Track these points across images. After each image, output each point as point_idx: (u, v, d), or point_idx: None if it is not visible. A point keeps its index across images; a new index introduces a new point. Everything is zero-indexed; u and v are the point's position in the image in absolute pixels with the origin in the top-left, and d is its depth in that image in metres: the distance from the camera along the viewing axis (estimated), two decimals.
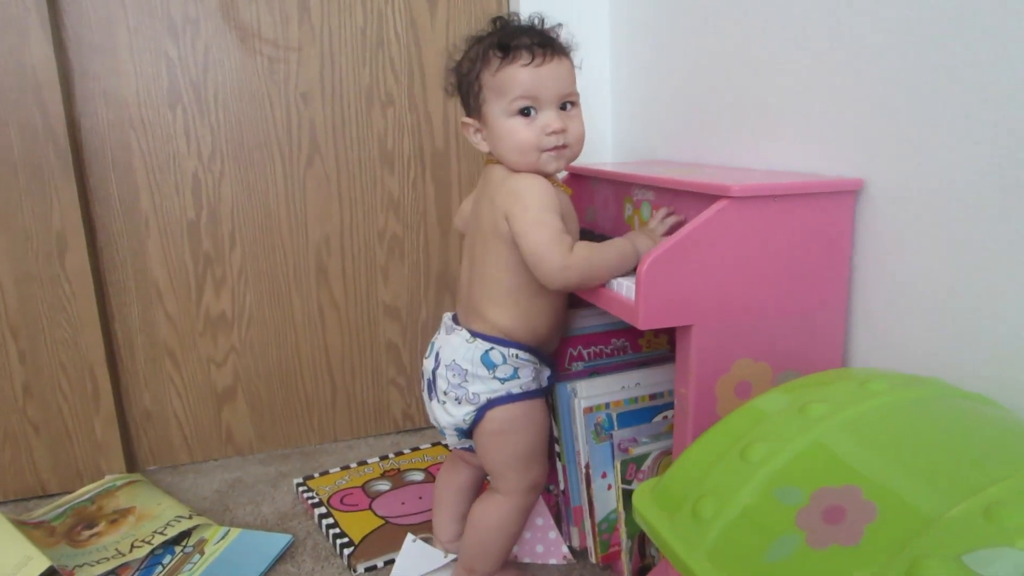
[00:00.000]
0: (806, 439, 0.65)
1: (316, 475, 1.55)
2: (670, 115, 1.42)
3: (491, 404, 1.05)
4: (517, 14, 1.05)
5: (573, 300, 1.14)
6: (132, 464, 1.62)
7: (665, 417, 1.16)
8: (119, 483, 1.50)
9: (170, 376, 1.62)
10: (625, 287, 0.91)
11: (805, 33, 1.04)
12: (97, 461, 1.57)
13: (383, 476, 1.54)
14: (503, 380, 1.05)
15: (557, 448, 1.18)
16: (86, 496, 1.47)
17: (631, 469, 1.08)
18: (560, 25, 1.04)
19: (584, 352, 1.20)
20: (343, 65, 1.58)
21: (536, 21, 1.03)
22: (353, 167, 1.63)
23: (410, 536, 1.24)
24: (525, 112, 0.99)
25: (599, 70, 1.63)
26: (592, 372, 1.19)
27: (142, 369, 1.60)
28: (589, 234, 1.25)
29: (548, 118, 0.99)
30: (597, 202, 1.29)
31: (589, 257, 0.94)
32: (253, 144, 1.56)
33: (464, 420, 1.06)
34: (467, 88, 1.04)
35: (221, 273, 1.60)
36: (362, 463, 1.61)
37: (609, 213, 1.24)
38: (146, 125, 1.50)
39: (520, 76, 0.97)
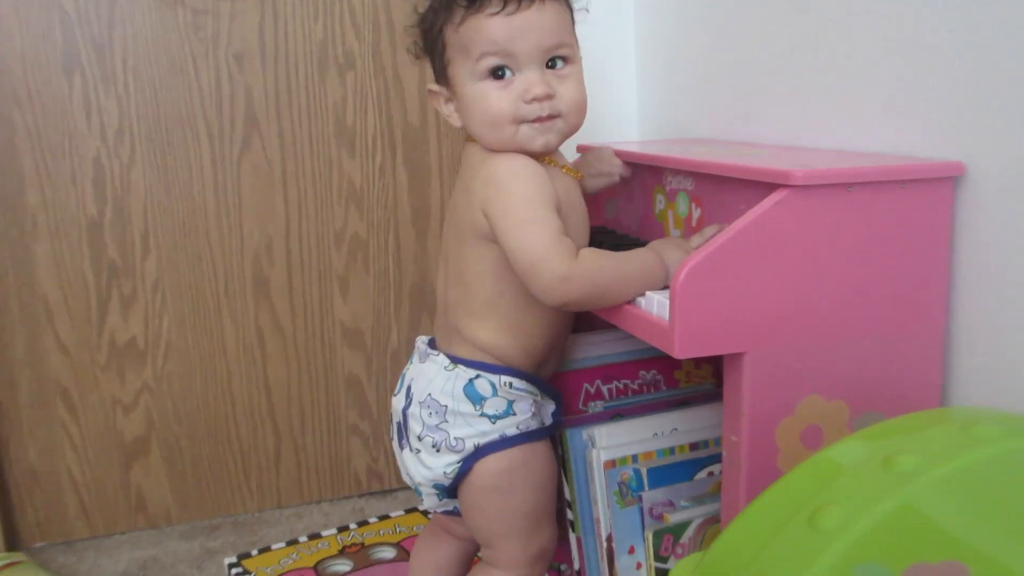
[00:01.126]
0: (894, 501, 0.65)
1: (254, 552, 1.55)
2: (711, 81, 1.43)
3: (480, 452, 1.05)
4: None
5: (587, 317, 1.15)
6: (12, 540, 1.62)
7: (711, 473, 1.15)
8: None
9: (63, 423, 1.62)
10: (656, 303, 0.91)
11: None
12: None
13: (342, 553, 1.54)
14: (494, 418, 1.05)
15: (569, 515, 1.18)
16: None
17: (667, 542, 1.08)
18: None
19: (603, 388, 1.19)
20: (289, 17, 1.59)
21: None
22: (302, 149, 1.64)
23: None
24: (498, 74, 0.99)
25: (621, 24, 1.64)
26: (614, 414, 1.19)
27: (26, 415, 1.60)
28: (610, 235, 1.25)
29: (528, 80, 0.98)
30: (619, 193, 1.29)
31: (599, 267, 0.94)
32: (172, 120, 1.57)
33: (445, 474, 1.06)
34: (431, 47, 1.05)
35: (131, 288, 1.60)
36: (315, 536, 1.60)
37: (635, 208, 1.24)
38: (33, 97, 1.50)
39: (487, 27, 0.97)
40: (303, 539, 1.59)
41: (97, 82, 1.53)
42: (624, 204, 1.28)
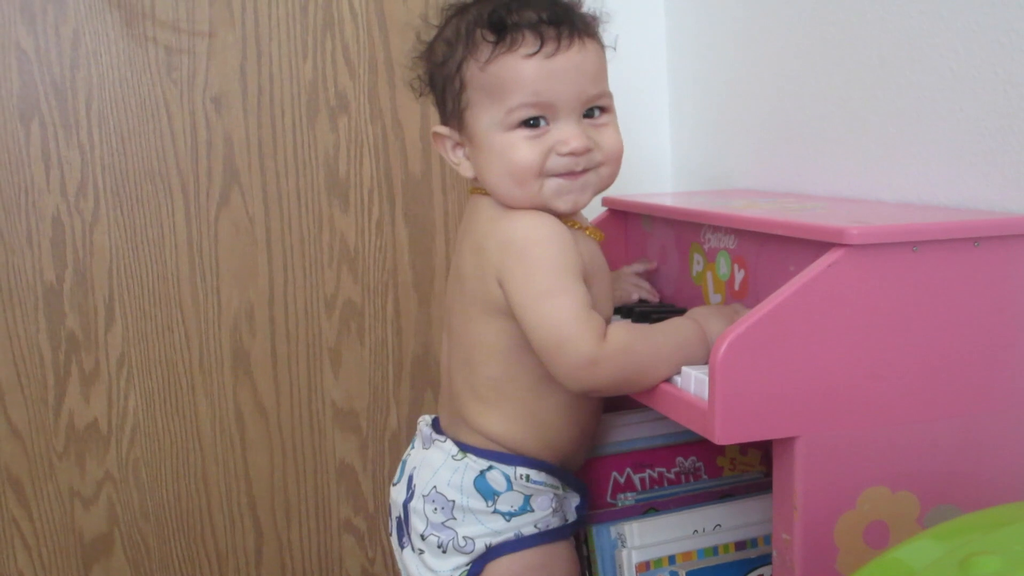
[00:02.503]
0: None
1: None
2: (754, 125, 1.45)
3: (493, 553, 1.05)
4: None
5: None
6: None
7: None
8: None
9: (14, 518, 1.62)
10: (694, 380, 0.91)
11: (957, 5, 1.06)
12: None
13: None
14: (509, 516, 1.05)
15: None
16: None
17: None
18: None
19: (635, 478, 1.19)
20: (274, 55, 1.62)
21: None
22: (289, 204, 1.66)
23: None
24: (531, 123, 0.99)
25: (652, 62, 1.66)
26: (648, 508, 1.19)
27: None
28: (640, 302, 1.26)
29: (566, 132, 0.99)
30: (651, 252, 1.30)
31: (631, 348, 0.94)
32: (142, 173, 1.59)
33: None
34: (443, 84, 1.05)
35: (92, 363, 1.61)
36: None
37: (669, 269, 1.25)
38: None
39: (524, 71, 0.98)
40: None
41: (57, 129, 1.55)
42: (656, 264, 1.29)
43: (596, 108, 1.02)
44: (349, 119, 1.66)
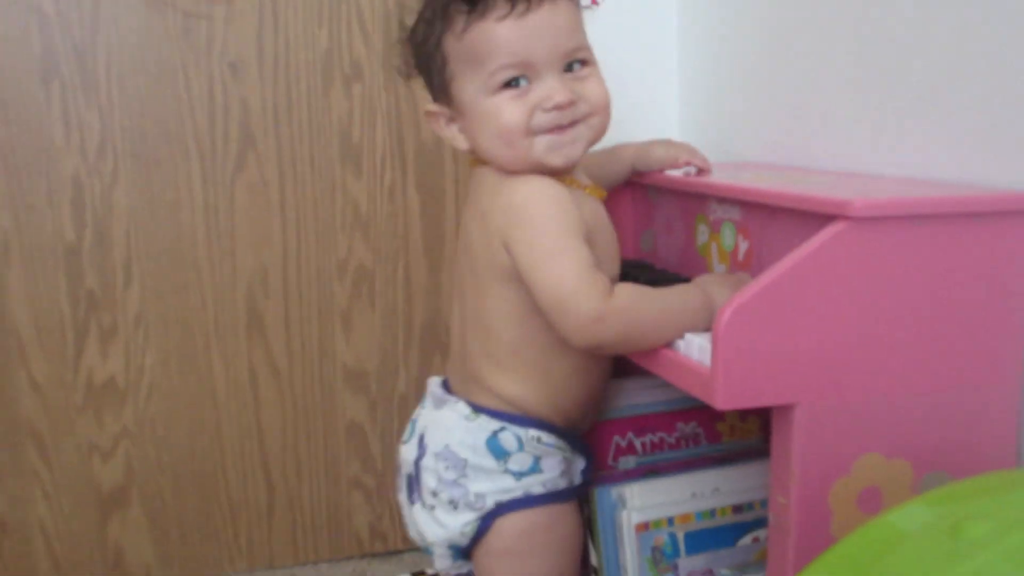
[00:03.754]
0: (962, 572, 0.65)
1: None
2: (761, 100, 1.44)
3: (502, 510, 1.06)
4: None
5: (618, 361, 1.15)
6: None
7: (756, 539, 1.16)
8: None
9: (35, 470, 1.63)
10: (697, 347, 0.92)
11: None
12: None
13: None
14: (519, 475, 1.06)
15: None
16: None
17: None
18: None
19: (636, 442, 1.20)
20: (290, 22, 1.61)
21: None
22: (303, 169, 1.66)
23: None
24: (513, 84, 1.00)
25: (661, 36, 1.65)
26: (649, 471, 1.20)
27: None
28: (646, 269, 1.26)
29: (548, 87, 0.99)
30: (657, 223, 1.30)
31: (636, 306, 0.95)
32: (159, 136, 1.60)
33: (463, 534, 1.07)
34: (427, 62, 1.06)
35: (111, 321, 1.63)
36: None
37: (675, 239, 1.25)
38: (6, 107, 1.54)
39: (498, 33, 0.98)
40: None
41: (77, 92, 1.56)
42: (662, 235, 1.29)
43: (576, 62, 1.02)
44: (363, 87, 1.66)
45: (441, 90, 1.05)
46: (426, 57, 1.05)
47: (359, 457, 1.77)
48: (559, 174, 1.03)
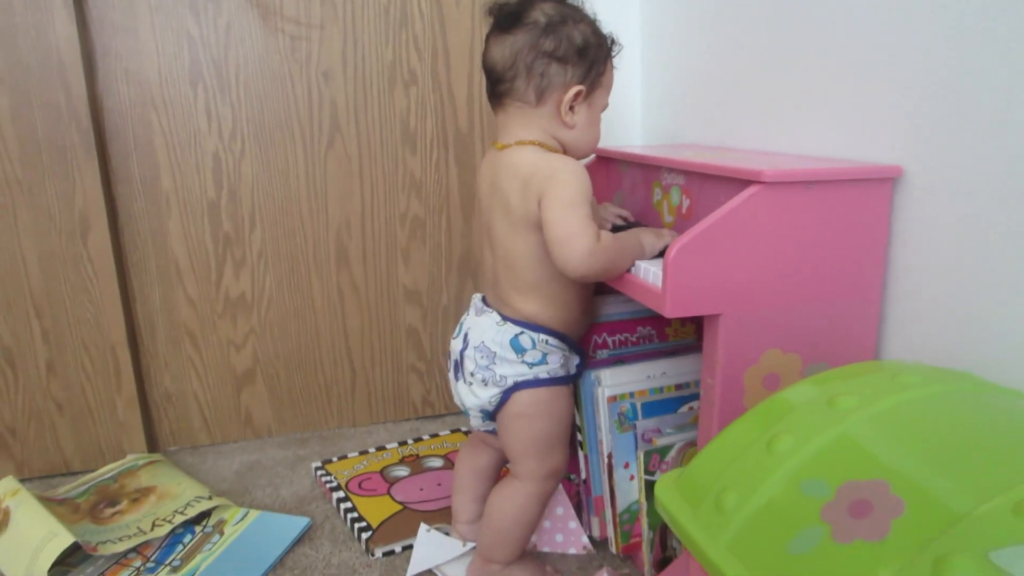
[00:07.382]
0: (834, 432, 0.65)
1: (335, 459, 1.58)
2: (701, 98, 1.42)
3: (518, 387, 1.06)
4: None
5: (599, 287, 1.15)
6: (153, 444, 1.66)
7: (691, 408, 1.16)
8: (141, 463, 1.54)
9: (190, 358, 1.65)
10: (652, 274, 0.92)
11: (845, 9, 1.03)
12: (119, 440, 1.61)
13: (401, 462, 1.56)
14: (531, 365, 1.06)
15: (579, 437, 1.19)
16: (108, 475, 1.51)
17: (654, 460, 1.09)
18: None
19: (609, 340, 1.20)
20: (366, 43, 1.59)
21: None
22: (375, 148, 1.64)
23: (424, 526, 1.25)
24: None
25: (630, 52, 1.62)
26: (617, 360, 1.20)
27: (163, 350, 1.64)
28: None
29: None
30: (625, 186, 1.29)
31: (611, 246, 0.96)
32: (274, 123, 1.58)
33: (490, 402, 1.08)
34: (591, 60, 1.03)
35: (241, 254, 1.63)
36: (380, 448, 1.63)
37: (637, 197, 1.25)
38: (167, 104, 1.52)
39: (613, 78, 1.07)
40: (372, 450, 1.62)
41: (216, 92, 1.54)
42: (628, 194, 1.28)
43: None
44: (417, 89, 1.63)
45: (587, 83, 1.03)
46: (593, 57, 1.03)
47: (415, 350, 1.78)
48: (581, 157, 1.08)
